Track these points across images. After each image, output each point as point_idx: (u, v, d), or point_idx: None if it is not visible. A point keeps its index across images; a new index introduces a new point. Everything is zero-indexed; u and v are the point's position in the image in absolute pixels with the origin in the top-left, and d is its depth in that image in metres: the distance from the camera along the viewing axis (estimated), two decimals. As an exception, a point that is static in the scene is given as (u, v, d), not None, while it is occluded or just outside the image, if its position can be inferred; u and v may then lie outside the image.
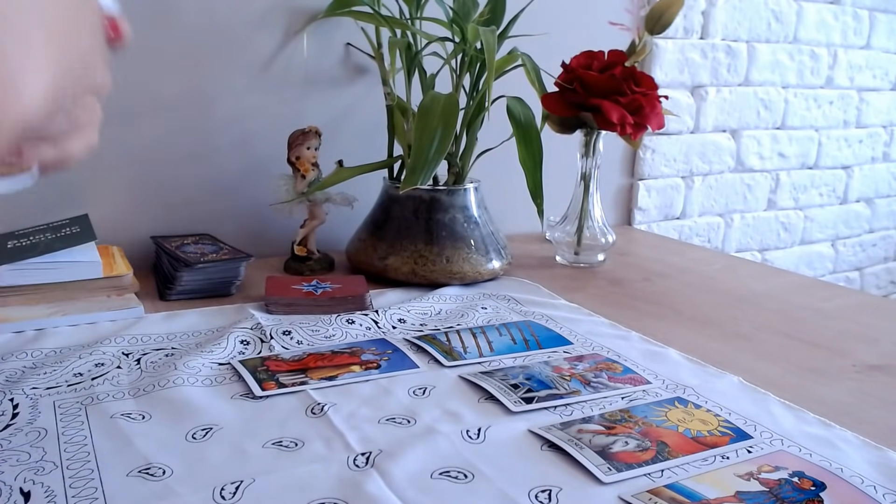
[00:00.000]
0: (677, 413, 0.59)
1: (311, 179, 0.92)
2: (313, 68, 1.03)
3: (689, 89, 1.43)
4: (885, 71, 1.73)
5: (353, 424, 0.55)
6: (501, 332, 0.75)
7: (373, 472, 0.49)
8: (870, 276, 1.89)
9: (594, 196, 1.03)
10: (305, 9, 1.00)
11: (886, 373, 0.70)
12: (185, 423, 0.55)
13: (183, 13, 0.94)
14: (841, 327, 0.82)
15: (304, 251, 0.94)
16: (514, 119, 0.88)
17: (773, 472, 0.50)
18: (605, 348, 0.72)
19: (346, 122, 1.07)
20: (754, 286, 0.97)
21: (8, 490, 0.45)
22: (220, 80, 0.98)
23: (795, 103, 1.59)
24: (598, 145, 1.01)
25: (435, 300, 0.85)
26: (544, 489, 0.48)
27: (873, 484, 0.49)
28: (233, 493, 0.46)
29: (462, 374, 0.65)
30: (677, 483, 0.49)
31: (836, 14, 1.60)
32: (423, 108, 0.82)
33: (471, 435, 0.54)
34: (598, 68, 0.93)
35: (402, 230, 0.90)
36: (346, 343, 0.71)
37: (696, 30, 1.40)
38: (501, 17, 0.94)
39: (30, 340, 0.69)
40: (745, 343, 0.76)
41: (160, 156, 0.96)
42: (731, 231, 1.57)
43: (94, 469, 0.48)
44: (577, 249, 1.03)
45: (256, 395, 0.59)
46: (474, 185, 0.93)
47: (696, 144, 1.46)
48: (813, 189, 1.69)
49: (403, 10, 0.95)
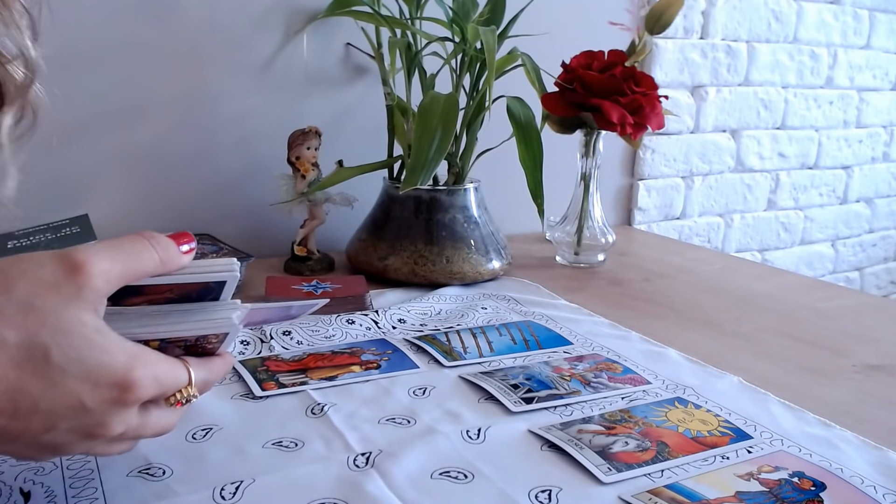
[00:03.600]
0: (677, 413, 0.59)
1: (311, 179, 0.92)
2: (313, 68, 1.03)
3: (689, 89, 1.43)
4: (885, 71, 1.73)
5: (353, 424, 0.55)
6: (501, 332, 0.75)
7: (373, 472, 0.49)
8: (870, 277, 1.89)
9: (594, 196, 1.03)
10: (305, 9, 1.00)
11: (886, 373, 0.70)
12: (185, 423, 0.55)
13: (183, 13, 0.94)
14: (841, 327, 0.82)
15: (304, 251, 0.94)
16: (514, 119, 0.88)
17: (773, 472, 0.50)
18: (605, 348, 0.72)
19: (346, 122, 1.07)
20: (754, 286, 0.97)
21: (8, 490, 0.45)
22: (220, 80, 0.98)
23: (795, 103, 1.59)
24: (598, 145, 1.01)
25: (435, 300, 0.85)
26: (544, 489, 0.48)
27: (873, 484, 0.49)
28: (233, 493, 0.46)
29: (462, 374, 0.65)
30: (677, 483, 0.49)
31: (836, 14, 1.60)
32: (423, 108, 0.82)
33: (471, 435, 0.54)
34: (598, 68, 0.93)
35: (402, 230, 0.90)
36: (346, 343, 0.71)
37: (696, 30, 1.40)
38: (501, 17, 0.94)
39: (30, 340, 0.69)
40: (745, 343, 0.76)
41: (160, 156, 0.96)
42: (731, 231, 1.57)
43: (94, 469, 0.48)
44: (577, 249, 1.03)
45: (256, 396, 0.59)
46: (474, 185, 0.93)
47: (696, 144, 1.46)
48: (813, 189, 1.69)
49: (403, 10, 0.95)
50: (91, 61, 0.90)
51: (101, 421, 0.36)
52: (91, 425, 0.36)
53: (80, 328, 0.35)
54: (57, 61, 0.92)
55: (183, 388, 0.41)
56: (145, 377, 0.37)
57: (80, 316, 0.35)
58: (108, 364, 0.36)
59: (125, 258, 0.38)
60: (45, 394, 0.34)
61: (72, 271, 0.35)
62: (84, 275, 0.35)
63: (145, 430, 0.40)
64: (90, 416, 0.36)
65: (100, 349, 0.35)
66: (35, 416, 0.35)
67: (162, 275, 0.40)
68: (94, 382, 0.35)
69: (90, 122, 0.91)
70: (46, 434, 0.36)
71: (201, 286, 0.42)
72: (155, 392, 0.38)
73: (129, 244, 0.38)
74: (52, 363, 0.34)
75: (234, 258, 0.43)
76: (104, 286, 0.36)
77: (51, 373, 0.34)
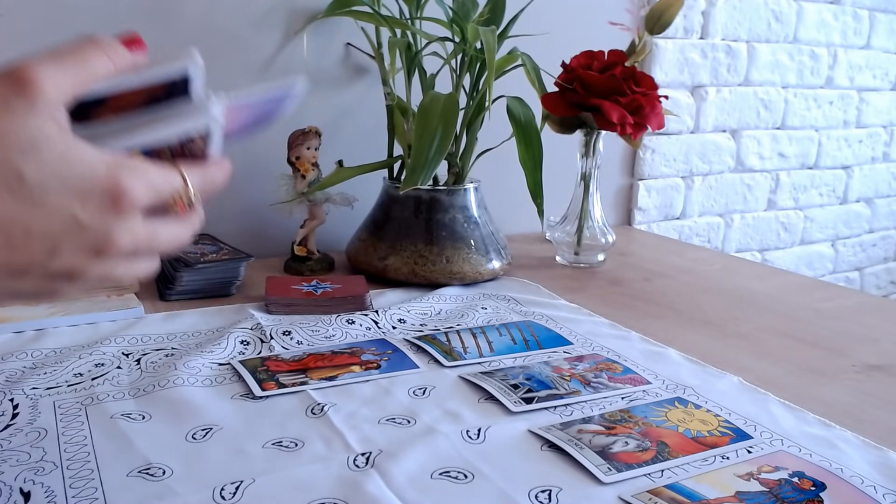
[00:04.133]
0: (677, 413, 0.59)
1: (311, 179, 0.92)
2: (313, 68, 1.03)
3: (689, 89, 1.43)
4: (885, 71, 1.73)
5: (353, 424, 0.55)
6: (501, 332, 0.75)
7: (373, 473, 0.49)
8: (870, 276, 1.89)
9: (594, 196, 1.03)
10: (305, 9, 1.00)
11: (886, 373, 0.70)
12: (185, 423, 0.55)
13: (183, 13, 0.94)
14: (841, 327, 0.82)
15: (304, 251, 0.94)
16: (514, 119, 0.88)
17: (773, 472, 0.50)
18: (605, 348, 0.72)
19: (346, 122, 1.07)
20: (754, 286, 0.97)
21: (8, 490, 0.45)
22: (220, 80, 0.97)
23: (795, 103, 1.59)
24: (598, 145, 1.01)
25: (435, 300, 0.85)
26: (544, 489, 0.48)
27: (873, 484, 0.49)
28: (233, 493, 0.46)
29: (462, 374, 0.65)
30: (677, 483, 0.49)
31: (836, 14, 1.60)
32: (423, 108, 0.82)
33: (471, 435, 0.54)
34: (598, 68, 0.93)
35: (402, 230, 0.90)
36: (346, 343, 0.71)
37: (696, 30, 1.40)
38: (501, 17, 0.94)
39: (30, 340, 0.69)
40: (745, 343, 0.76)
41: (160, 156, 0.96)
42: (731, 231, 1.57)
43: (94, 469, 0.48)
44: (577, 249, 1.03)
45: (256, 396, 0.59)
46: (474, 185, 0.93)
47: (696, 144, 1.46)
48: (813, 189, 1.69)
49: (403, 10, 0.95)
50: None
51: (105, 234, 0.35)
52: (96, 241, 0.35)
53: (46, 143, 0.33)
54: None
55: (181, 189, 0.39)
56: (134, 181, 0.35)
57: (43, 128, 0.33)
58: (89, 174, 0.34)
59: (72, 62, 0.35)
60: (34, 216, 0.33)
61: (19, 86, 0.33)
62: (33, 86, 0.33)
63: (157, 240, 0.38)
64: (91, 232, 0.34)
65: (75, 160, 0.34)
66: (32, 242, 0.33)
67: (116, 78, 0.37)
68: (82, 195, 0.34)
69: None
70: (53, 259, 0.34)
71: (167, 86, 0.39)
72: (150, 196, 0.36)
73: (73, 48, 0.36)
74: (28, 183, 0.32)
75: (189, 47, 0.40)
76: (57, 94, 0.34)
77: (31, 193, 0.33)
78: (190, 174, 0.39)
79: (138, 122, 0.38)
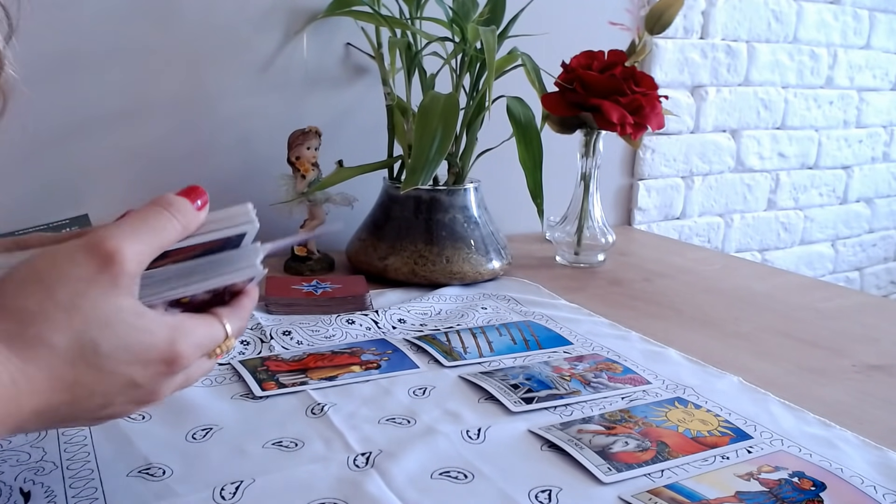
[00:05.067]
0: (677, 413, 0.59)
1: (311, 179, 0.92)
2: (313, 68, 1.03)
3: (689, 89, 1.43)
4: (885, 71, 1.73)
5: (353, 424, 0.55)
6: (501, 332, 0.75)
7: (373, 473, 0.49)
8: (870, 277, 1.89)
9: (594, 196, 1.03)
10: (305, 9, 1.00)
11: (886, 373, 0.70)
12: (185, 423, 0.55)
13: (183, 13, 0.94)
14: (841, 327, 0.82)
15: (304, 251, 0.94)
16: (514, 119, 0.88)
17: (773, 472, 0.50)
18: (605, 348, 0.72)
19: (346, 122, 1.07)
20: (754, 286, 0.97)
21: (8, 490, 0.45)
22: (220, 80, 0.98)
23: (795, 103, 1.59)
24: (598, 145, 1.01)
25: (435, 300, 0.85)
26: (544, 489, 0.48)
27: (873, 484, 0.49)
28: (233, 493, 0.46)
29: (462, 374, 0.65)
30: (677, 483, 0.49)
31: (836, 14, 1.60)
32: (423, 108, 0.82)
33: (471, 435, 0.54)
34: (598, 68, 0.93)
35: (402, 230, 0.90)
36: (346, 343, 0.71)
37: (696, 30, 1.40)
38: (501, 17, 0.94)
39: (30, 340, 0.69)
40: (745, 343, 0.76)
41: (160, 156, 0.96)
42: (731, 231, 1.57)
43: (94, 469, 0.48)
44: (577, 249, 1.03)
45: (256, 396, 0.59)
46: (474, 185, 0.93)
47: (696, 144, 1.46)
48: (813, 189, 1.69)
49: (403, 10, 0.95)
50: (91, 62, 0.90)
51: (153, 390, 0.40)
52: (143, 395, 0.40)
53: (121, 315, 0.37)
54: (58, 62, 0.92)
55: (222, 342, 0.44)
56: (188, 347, 0.40)
57: (119, 303, 0.37)
58: (152, 343, 0.38)
59: (151, 236, 0.39)
60: (99, 380, 0.37)
61: (105, 263, 0.37)
62: (117, 264, 0.37)
63: (189, 382, 0.44)
64: (142, 389, 0.39)
65: (142, 331, 0.38)
66: (92, 399, 0.37)
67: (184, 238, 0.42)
68: (144, 362, 0.38)
69: (90, 122, 0.91)
70: (103, 410, 0.39)
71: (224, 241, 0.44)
72: (198, 355, 0.41)
73: (152, 219, 0.40)
74: (101, 354, 0.36)
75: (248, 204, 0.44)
76: (137, 269, 0.38)
77: (103, 363, 0.37)
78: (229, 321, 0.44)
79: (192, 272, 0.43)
